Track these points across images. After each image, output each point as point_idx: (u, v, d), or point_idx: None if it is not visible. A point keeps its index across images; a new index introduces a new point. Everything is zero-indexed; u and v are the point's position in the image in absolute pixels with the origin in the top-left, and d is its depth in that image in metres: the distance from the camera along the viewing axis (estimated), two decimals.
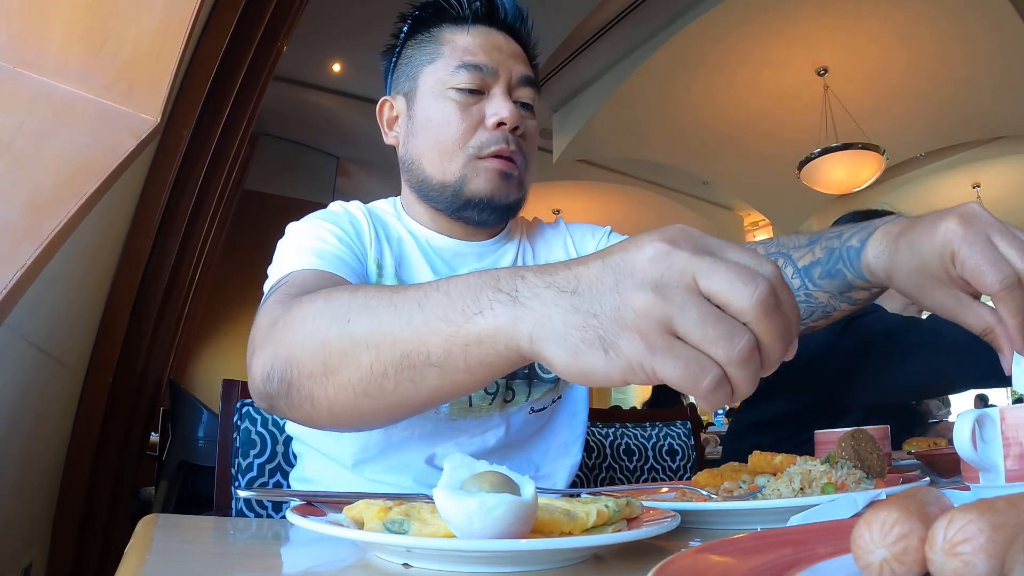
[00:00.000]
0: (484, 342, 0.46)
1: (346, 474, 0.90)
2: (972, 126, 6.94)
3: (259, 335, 0.65)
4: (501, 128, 0.90)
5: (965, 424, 0.55)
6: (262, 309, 0.71)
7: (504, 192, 0.91)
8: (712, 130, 6.96)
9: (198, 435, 3.08)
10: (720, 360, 0.38)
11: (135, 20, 1.18)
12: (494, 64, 0.91)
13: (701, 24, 5.52)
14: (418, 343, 0.49)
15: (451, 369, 0.48)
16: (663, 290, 0.40)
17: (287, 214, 0.96)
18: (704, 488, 0.71)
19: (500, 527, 0.42)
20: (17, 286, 0.88)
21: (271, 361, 0.61)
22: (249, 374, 0.65)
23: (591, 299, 0.42)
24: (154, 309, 2.19)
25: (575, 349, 0.41)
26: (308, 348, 0.57)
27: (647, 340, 0.39)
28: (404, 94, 0.96)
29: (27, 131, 1.03)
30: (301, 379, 0.58)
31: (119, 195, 1.66)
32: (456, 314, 0.47)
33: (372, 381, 0.53)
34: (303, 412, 0.60)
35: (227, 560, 0.52)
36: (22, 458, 1.38)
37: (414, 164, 0.94)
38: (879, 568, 0.29)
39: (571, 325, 0.42)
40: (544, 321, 0.43)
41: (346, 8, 5.11)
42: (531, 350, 0.44)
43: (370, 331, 0.53)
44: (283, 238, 0.90)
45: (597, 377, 0.41)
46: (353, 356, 0.53)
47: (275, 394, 0.61)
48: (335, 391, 0.56)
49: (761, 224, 9.48)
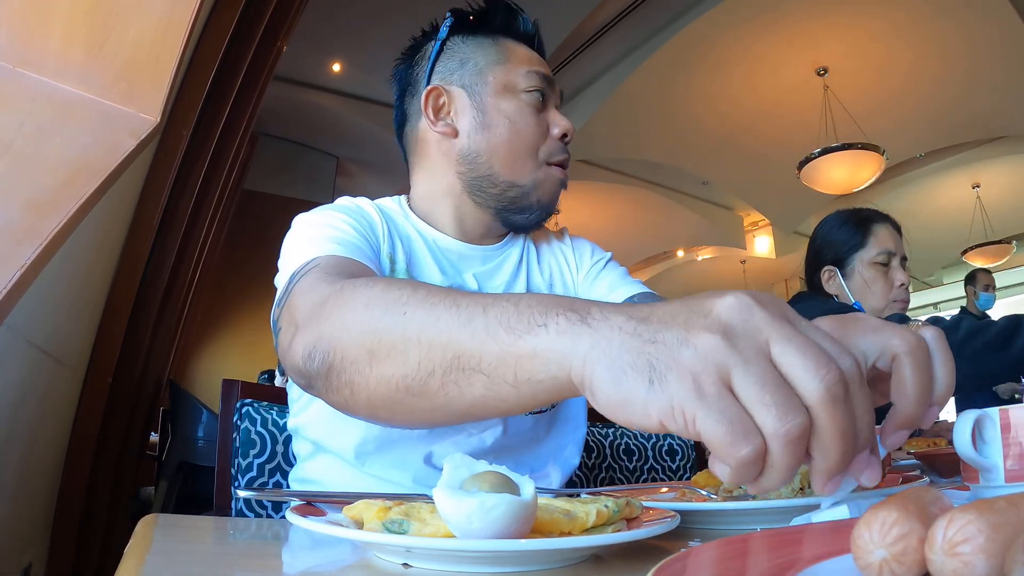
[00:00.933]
0: (538, 356, 0.44)
1: (346, 472, 0.91)
2: (972, 126, 6.94)
3: (302, 312, 0.64)
4: (563, 139, 0.97)
5: (965, 424, 0.55)
6: (300, 287, 0.70)
7: (557, 199, 0.98)
8: (712, 130, 6.96)
9: (198, 435, 3.09)
10: (766, 430, 0.35)
11: (135, 20, 1.18)
12: (551, 78, 0.99)
13: (701, 24, 5.52)
14: (473, 347, 0.47)
15: (498, 380, 0.46)
16: (732, 339, 0.37)
17: (287, 214, 0.95)
18: (704, 488, 0.71)
19: (500, 527, 0.42)
20: (17, 286, 0.88)
21: (314, 341, 0.59)
22: (287, 351, 0.64)
23: (657, 328, 0.39)
24: (154, 309, 2.19)
25: (620, 372, 0.39)
26: (355, 334, 0.56)
27: (698, 384, 0.36)
28: (464, 87, 0.97)
29: (27, 131, 1.03)
30: (344, 364, 0.56)
31: (119, 195, 1.66)
32: (520, 324, 0.45)
33: (417, 379, 0.51)
34: (340, 397, 0.58)
35: (227, 560, 0.52)
36: (22, 458, 1.38)
37: (479, 157, 0.95)
38: (879, 568, 0.29)
39: (626, 348, 0.39)
40: (601, 343, 0.40)
41: (346, 8, 5.11)
42: (581, 373, 0.41)
43: (425, 326, 0.50)
44: (293, 229, 0.89)
45: (634, 408, 0.38)
46: (402, 350, 0.51)
47: (315, 375, 0.59)
48: (377, 383, 0.54)
49: (761, 224, 9.48)
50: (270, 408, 1.12)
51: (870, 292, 1.67)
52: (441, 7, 1.03)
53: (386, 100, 5.66)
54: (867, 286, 1.67)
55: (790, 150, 6.46)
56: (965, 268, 10.27)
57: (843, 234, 1.73)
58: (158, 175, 1.89)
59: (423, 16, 1.10)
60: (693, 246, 9.94)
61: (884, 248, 1.68)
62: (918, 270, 10.57)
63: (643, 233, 9.13)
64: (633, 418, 0.38)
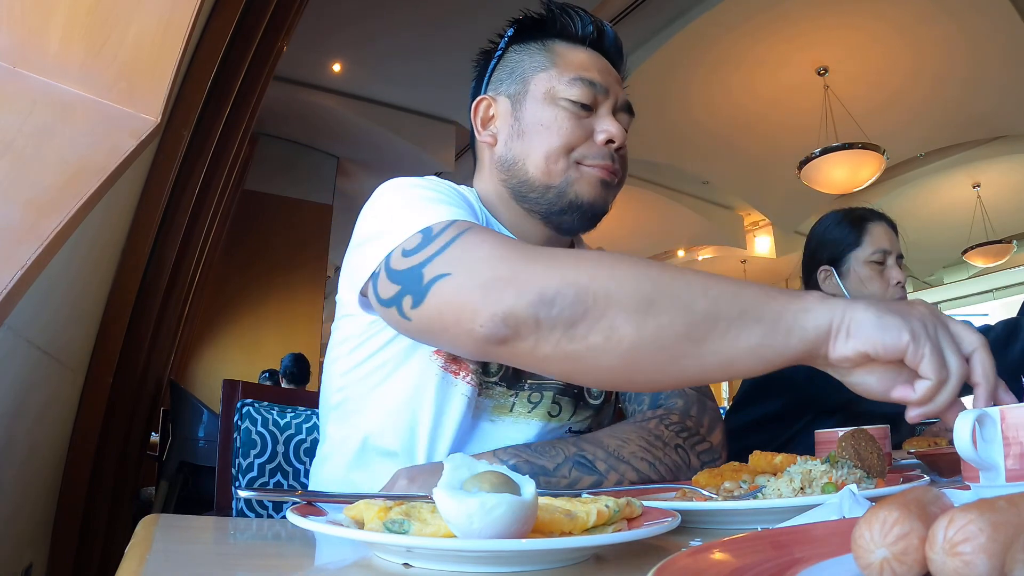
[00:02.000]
0: (810, 311, 0.60)
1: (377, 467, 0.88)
2: (972, 126, 6.94)
3: (509, 263, 0.66)
4: (609, 145, 0.93)
5: (965, 423, 0.55)
6: (471, 240, 0.70)
7: (603, 199, 0.93)
8: (712, 130, 6.96)
9: (198, 435, 3.09)
10: (951, 365, 0.58)
11: (135, 20, 1.17)
12: (605, 83, 0.94)
13: (701, 24, 5.52)
14: (756, 303, 0.60)
15: (775, 330, 0.60)
16: (933, 316, 0.60)
17: (287, 214, 0.95)
18: (704, 488, 0.71)
19: (500, 527, 0.42)
20: (17, 286, 0.88)
21: (559, 286, 0.62)
22: (494, 300, 0.64)
23: (887, 305, 0.60)
24: (154, 309, 2.20)
25: (880, 313, 0.59)
26: (629, 284, 0.61)
27: (925, 330, 0.58)
28: (509, 96, 0.97)
29: (27, 131, 1.03)
30: (607, 310, 0.60)
31: (119, 195, 1.66)
32: (782, 295, 0.62)
33: (700, 327, 0.60)
34: (580, 346, 0.61)
35: (228, 560, 0.52)
36: (23, 458, 1.38)
37: (515, 164, 0.94)
38: (879, 568, 0.29)
39: (874, 306, 0.60)
40: (854, 304, 0.60)
41: (346, 8, 5.11)
42: (842, 319, 0.59)
43: (708, 284, 0.61)
44: (395, 190, 0.86)
45: (891, 332, 0.58)
46: (688, 300, 0.60)
47: (550, 321, 0.61)
48: (654, 329, 0.60)
49: (761, 224, 9.48)
50: (271, 408, 1.12)
51: (866, 291, 1.67)
52: (441, 8, 1.03)
53: (386, 100, 5.69)
54: (863, 285, 1.68)
55: (790, 150, 6.46)
56: (966, 268, 10.29)
57: (838, 233, 1.73)
58: (158, 175, 1.89)
59: (424, 16, 1.10)
60: (693, 246, 9.93)
61: (879, 247, 1.68)
62: (919, 270, 10.56)
63: (643, 233, 9.13)
64: (888, 339, 0.58)
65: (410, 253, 0.73)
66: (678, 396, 0.96)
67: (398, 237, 0.76)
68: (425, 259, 0.71)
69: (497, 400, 0.89)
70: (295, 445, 1.13)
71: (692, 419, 0.93)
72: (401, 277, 0.73)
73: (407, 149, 6.95)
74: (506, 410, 0.89)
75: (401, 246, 0.75)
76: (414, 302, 0.71)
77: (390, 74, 6.17)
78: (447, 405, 0.86)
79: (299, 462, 1.12)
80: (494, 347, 0.65)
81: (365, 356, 0.89)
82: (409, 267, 0.72)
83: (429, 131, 6.98)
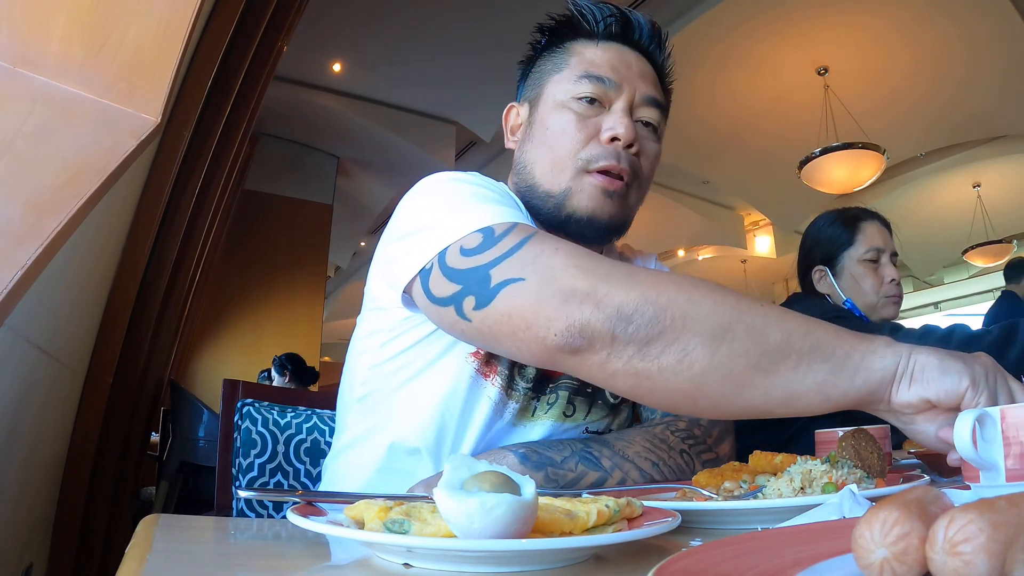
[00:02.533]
0: (876, 353, 0.61)
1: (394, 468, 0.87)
2: (973, 126, 6.94)
3: (588, 275, 0.65)
4: (615, 144, 0.88)
5: (966, 423, 0.55)
6: (544, 247, 0.68)
7: (606, 210, 0.88)
8: (712, 129, 6.95)
9: (199, 435, 3.09)
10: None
11: (135, 20, 1.17)
12: (618, 79, 0.90)
13: (701, 23, 5.51)
14: (828, 340, 0.61)
15: (842, 369, 0.60)
16: (995, 368, 0.62)
17: (288, 214, 0.95)
18: (705, 488, 0.71)
19: (500, 527, 0.42)
20: (18, 286, 0.88)
21: (638, 304, 0.62)
22: (571, 310, 0.63)
23: (949, 354, 0.61)
24: (155, 309, 2.20)
25: (942, 358, 0.60)
26: (707, 310, 0.62)
27: (987, 375, 0.59)
28: (529, 101, 0.97)
29: (27, 131, 1.03)
30: (683, 333, 0.61)
31: (120, 195, 1.66)
32: (850, 336, 0.62)
33: (772, 358, 0.60)
34: (652, 365, 0.62)
35: (228, 561, 0.52)
36: (23, 458, 1.38)
37: (525, 169, 0.93)
38: (880, 568, 0.29)
39: (940, 353, 0.61)
40: (919, 348, 0.61)
41: (346, 8, 5.11)
42: (908, 364, 0.60)
43: (782, 317, 0.62)
44: (440, 183, 0.84)
45: (952, 377, 0.59)
46: (763, 330, 0.61)
47: (625, 337, 0.62)
48: (727, 356, 0.60)
49: (762, 224, 9.47)
50: (271, 408, 1.12)
51: (861, 289, 1.68)
52: (442, 9, 1.03)
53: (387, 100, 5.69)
54: (857, 283, 1.68)
55: (791, 149, 6.46)
56: (966, 268, 10.29)
57: (832, 233, 1.74)
58: (159, 175, 1.89)
59: (424, 16, 1.10)
60: (693, 246, 9.93)
61: (873, 245, 1.69)
62: (919, 269, 10.56)
63: (643, 232, 9.12)
64: (949, 384, 0.59)
65: (471, 252, 0.71)
66: None
67: (453, 234, 0.73)
68: (492, 260, 0.69)
69: (521, 403, 0.88)
70: (295, 445, 1.13)
71: (700, 428, 0.93)
72: (462, 276, 0.71)
73: (408, 149, 6.95)
74: (528, 413, 0.89)
75: (459, 243, 0.72)
76: (478, 303, 0.69)
77: (391, 74, 6.17)
78: (475, 407, 0.85)
79: (299, 462, 1.12)
80: (565, 356, 0.65)
81: (396, 352, 0.87)
82: (473, 267, 0.70)
83: (430, 131, 6.98)
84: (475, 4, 5.04)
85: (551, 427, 0.90)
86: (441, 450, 0.85)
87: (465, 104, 6.53)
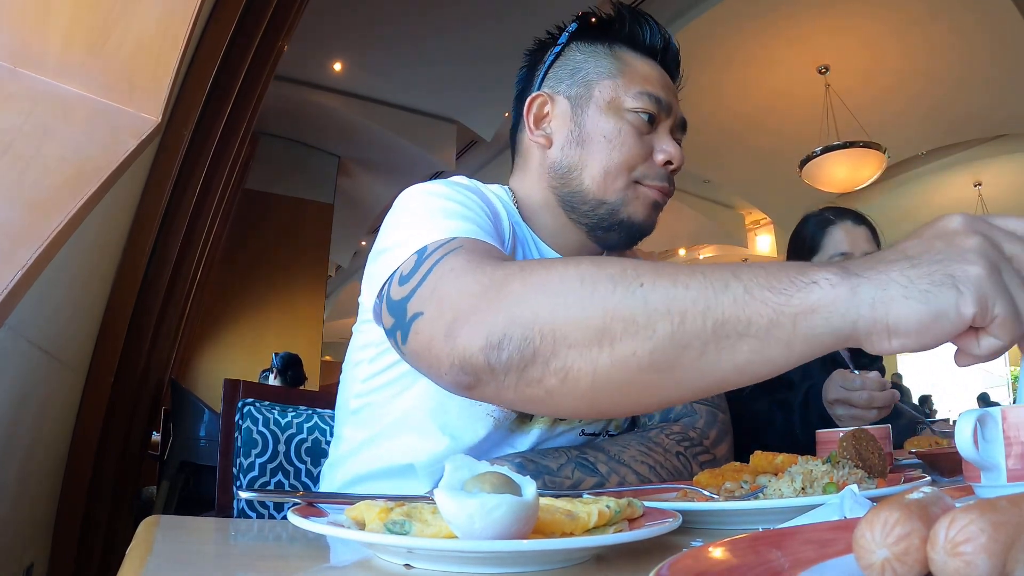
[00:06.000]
0: (818, 312, 0.45)
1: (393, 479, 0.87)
2: (974, 124, 6.93)
3: (466, 295, 0.58)
4: (667, 167, 0.91)
5: (967, 424, 0.55)
6: (447, 268, 0.63)
7: (652, 220, 0.92)
8: (713, 128, 6.95)
9: (199, 435, 3.09)
10: None
11: (135, 20, 1.17)
12: (668, 100, 0.92)
13: (701, 23, 5.51)
14: (736, 311, 0.47)
15: (771, 342, 0.47)
16: (988, 240, 0.45)
17: (288, 214, 0.95)
18: (705, 488, 0.71)
19: (501, 528, 0.42)
20: (18, 286, 0.88)
21: (505, 328, 0.53)
22: (443, 342, 0.57)
23: (927, 256, 0.44)
24: (155, 309, 2.20)
25: (925, 294, 0.43)
26: (576, 314, 0.51)
27: (992, 277, 0.43)
28: (569, 98, 0.94)
29: (27, 131, 1.03)
30: (556, 349, 0.52)
31: (120, 195, 1.66)
32: (782, 284, 0.46)
33: (666, 353, 0.49)
34: (540, 390, 0.53)
35: (229, 562, 0.52)
36: (24, 458, 1.38)
37: (570, 172, 0.92)
38: (881, 568, 0.29)
39: (915, 277, 0.44)
40: (886, 283, 0.44)
41: (347, 8, 5.11)
42: (872, 318, 0.44)
43: (672, 297, 0.49)
44: (412, 198, 0.81)
45: (948, 316, 0.42)
46: (646, 325, 0.49)
47: (502, 367, 0.53)
48: (610, 364, 0.50)
49: (762, 223, 9.47)
50: (272, 408, 1.12)
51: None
52: (442, 9, 1.02)
53: (387, 99, 5.69)
54: None
55: (792, 148, 6.46)
56: None
57: (802, 237, 1.75)
58: (159, 175, 1.89)
59: (425, 17, 1.10)
60: (694, 245, 9.93)
61: (838, 250, 1.68)
62: None
63: None
64: (947, 325, 0.43)
65: (405, 280, 0.68)
66: (685, 409, 0.96)
67: (400, 256, 0.71)
68: (410, 292, 0.66)
69: (518, 412, 0.87)
70: (296, 444, 1.13)
71: (696, 430, 0.93)
72: (395, 309, 0.68)
73: (408, 148, 6.96)
74: (526, 419, 0.89)
75: (399, 269, 0.70)
76: (402, 338, 0.65)
77: (391, 74, 6.17)
78: (470, 417, 0.84)
79: (300, 461, 1.12)
80: (464, 391, 0.59)
81: (387, 365, 0.87)
82: (400, 299, 0.67)
83: (430, 131, 6.98)
84: (476, 5, 5.05)
85: (547, 431, 0.90)
86: (434, 464, 0.85)
87: (466, 104, 6.53)
